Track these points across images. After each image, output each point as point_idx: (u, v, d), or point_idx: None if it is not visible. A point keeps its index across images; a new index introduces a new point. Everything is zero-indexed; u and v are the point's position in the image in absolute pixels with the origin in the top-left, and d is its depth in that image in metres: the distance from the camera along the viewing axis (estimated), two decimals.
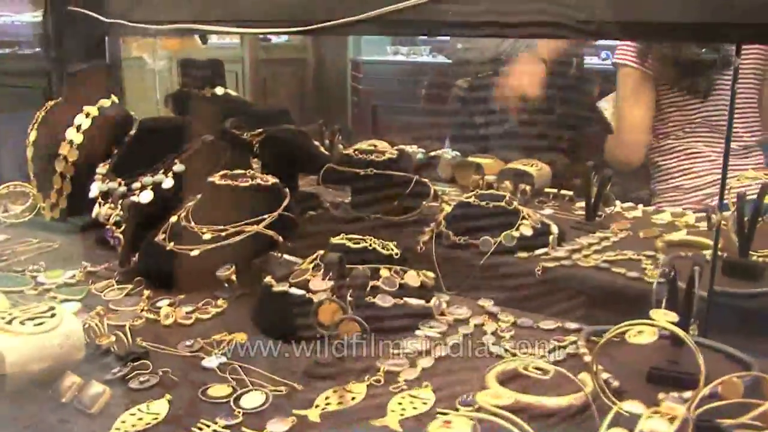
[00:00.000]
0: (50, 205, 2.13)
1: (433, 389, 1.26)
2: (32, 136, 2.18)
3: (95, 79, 2.20)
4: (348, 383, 1.28)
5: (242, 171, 1.82)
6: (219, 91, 2.51)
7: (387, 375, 1.31)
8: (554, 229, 2.07)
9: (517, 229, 2.00)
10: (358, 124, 5.64)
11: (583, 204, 2.34)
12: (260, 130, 2.22)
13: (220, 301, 1.61)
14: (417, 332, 1.49)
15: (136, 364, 1.31)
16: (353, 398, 1.23)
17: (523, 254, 1.96)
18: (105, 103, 2.15)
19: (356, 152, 2.24)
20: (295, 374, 1.31)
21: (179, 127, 2.03)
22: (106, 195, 1.96)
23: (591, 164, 2.31)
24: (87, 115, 2.11)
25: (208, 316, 1.56)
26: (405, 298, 1.52)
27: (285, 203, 1.76)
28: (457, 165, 2.82)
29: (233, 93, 2.57)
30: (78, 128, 2.10)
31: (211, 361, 1.34)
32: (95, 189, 1.98)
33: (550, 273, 1.88)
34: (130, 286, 1.69)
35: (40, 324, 1.23)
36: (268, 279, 1.58)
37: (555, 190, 2.59)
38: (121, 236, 1.78)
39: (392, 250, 1.62)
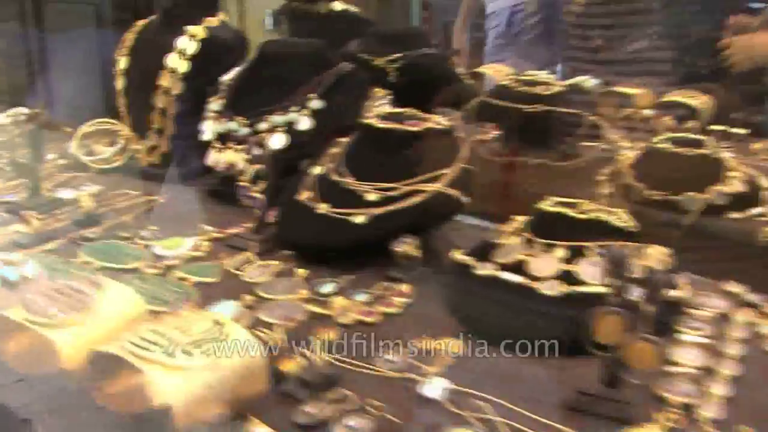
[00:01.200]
0: (148, 149, 1.75)
1: None
2: (122, 63, 1.80)
3: None
4: (630, 422, 0.90)
5: (403, 110, 1.43)
6: (337, 6, 2.08)
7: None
8: (765, 181, 1.66)
9: (728, 183, 1.59)
10: None
11: (761, 145, 1.93)
12: (397, 55, 1.81)
13: (404, 287, 1.22)
14: (681, 337, 1.10)
15: (333, 396, 0.93)
16: None
17: (735, 215, 1.56)
18: (213, 22, 1.74)
19: (518, 83, 1.82)
20: (546, 404, 0.94)
21: (311, 52, 1.62)
22: (222, 137, 1.57)
23: None
24: (192, 36, 1.70)
25: (396, 311, 1.17)
26: None
27: (465, 153, 1.37)
28: (599, 96, 2.38)
29: (353, 9, 2.13)
30: (181, 54, 1.70)
31: (433, 388, 0.96)
32: (209, 130, 1.59)
33: None
34: (275, 263, 1.31)
35: (211, 352, 0.84)
36: (460, 256, 1.20)
37: (723, 128, 2.16)
38: (260, 195, 1.37)
39: (626, 221, 1.23)
